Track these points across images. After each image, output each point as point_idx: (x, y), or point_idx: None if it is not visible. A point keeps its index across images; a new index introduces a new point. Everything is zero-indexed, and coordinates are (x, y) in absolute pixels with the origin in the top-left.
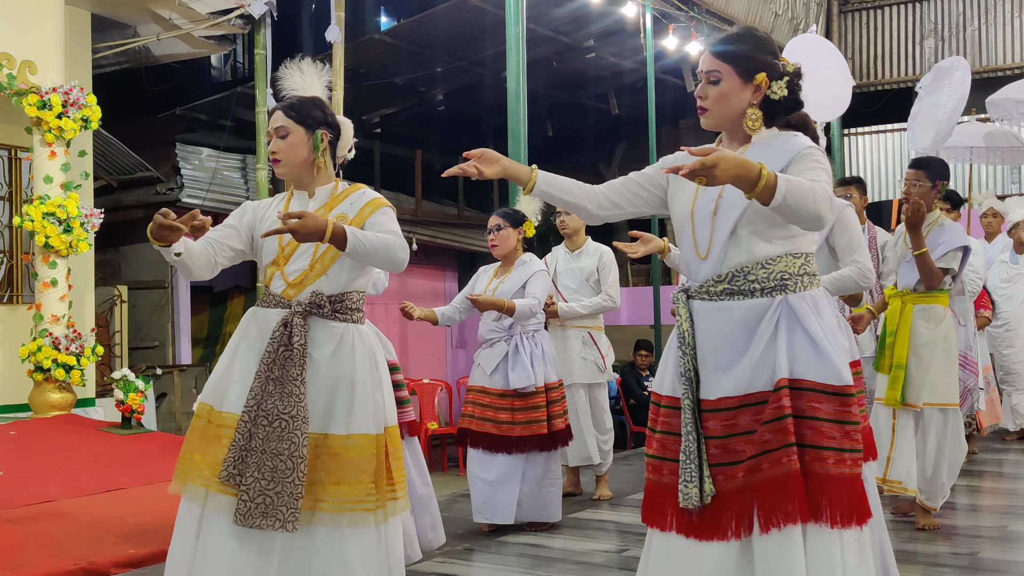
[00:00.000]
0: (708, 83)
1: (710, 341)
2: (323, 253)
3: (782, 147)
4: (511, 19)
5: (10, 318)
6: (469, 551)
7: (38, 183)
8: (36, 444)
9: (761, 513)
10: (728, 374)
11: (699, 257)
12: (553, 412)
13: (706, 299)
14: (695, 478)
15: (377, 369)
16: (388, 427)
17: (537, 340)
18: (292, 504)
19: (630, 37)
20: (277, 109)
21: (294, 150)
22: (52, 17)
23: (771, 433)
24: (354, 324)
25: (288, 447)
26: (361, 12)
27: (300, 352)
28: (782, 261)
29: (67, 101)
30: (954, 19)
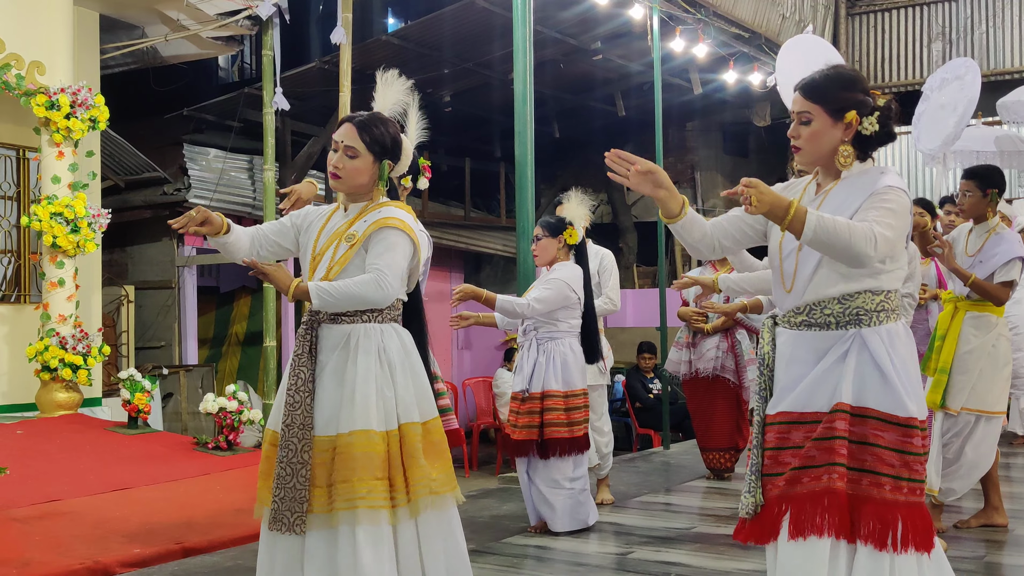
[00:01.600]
0: (800, 123)
1: (782, 364)
2: (336, 262)
3: (865, 184)
4: (518, 21)
5: (17, 317)
6: (473, 552)
7: (46, 183)
8: (42, 443)
9: (792, 521)
10: (790, 392)
11: (784, 290)
12: (548, 420)
13: (787, 328)
14: (754, 490)
15: (389, 365)
16: (405, 424)
17: (548, 348)
18: (295, 508)
19: (637, 39)
20: (351, 124)
21: (358, 174)
22: (60, 18)
23: (817, 450)
24: (363, 324)
25: (286, 454)
26: (368, 13)
27: (298, 361)
28: (860, 297)
29: (75, 101)
30: (962, 22)
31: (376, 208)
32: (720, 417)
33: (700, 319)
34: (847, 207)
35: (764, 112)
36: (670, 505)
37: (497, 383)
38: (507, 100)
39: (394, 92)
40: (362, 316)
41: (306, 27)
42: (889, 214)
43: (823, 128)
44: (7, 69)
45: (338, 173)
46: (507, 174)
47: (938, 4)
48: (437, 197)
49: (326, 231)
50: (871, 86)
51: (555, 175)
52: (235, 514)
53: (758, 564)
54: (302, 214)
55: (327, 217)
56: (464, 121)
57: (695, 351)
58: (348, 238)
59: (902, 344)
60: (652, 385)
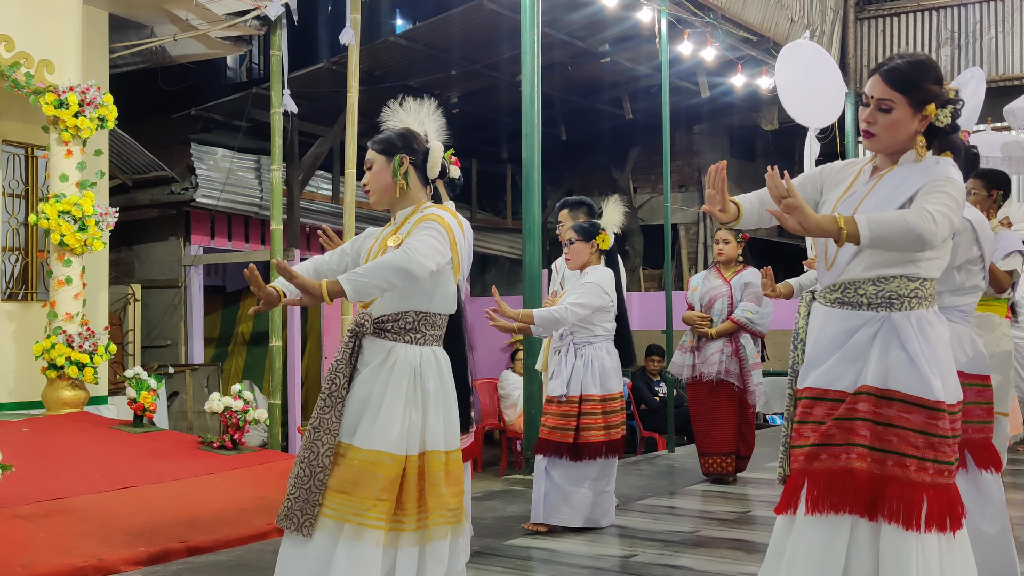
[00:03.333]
0: (878, 110)
1: (812, 339)
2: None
3: (922, 171)
4: (526, 23)
5: (24, 315)
6: (478, 554)
7: (54, 181)
8: (48, 441)
9: (809, 497)
10: (816, 368)
11: (825, 266)
12: (584, 424)
13: (823, 303)
14: (783, 461)
15: (423, 391)
16: (430, 451)
17: (584, 352)
18: (308, 510)
19: (645, 42)
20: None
21: (378, 178)
22: (70, 17)
23: (836, 429)
24: (404, 344)
25: (309, 455)
26: (376, 15)
27: (335, 368)
28: (895, 282)
29: (84, 100)
30: (971, 27)
31: (422, 211)
32: (722, 421)
33: (704, 323)
34: (901, 192)
35: (772, 116)
36: (674, 508)
37: (503, 385)
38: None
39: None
40: (404, 336)
41: (314, 28)
42: (947, 198)
43: (904, 118)
44: (16, 67)
45: (367, 188)
46: (514, 176)
47: (947, 9)
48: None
49: (378, 242)
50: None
51: (562, 177)
52: (240, 513)
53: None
54: (361, 237)
55: (382, 230)
56: (471, 123)
57: (699, 355)
58: (394, 240)
59: (933, 329)
60: (658, 388)
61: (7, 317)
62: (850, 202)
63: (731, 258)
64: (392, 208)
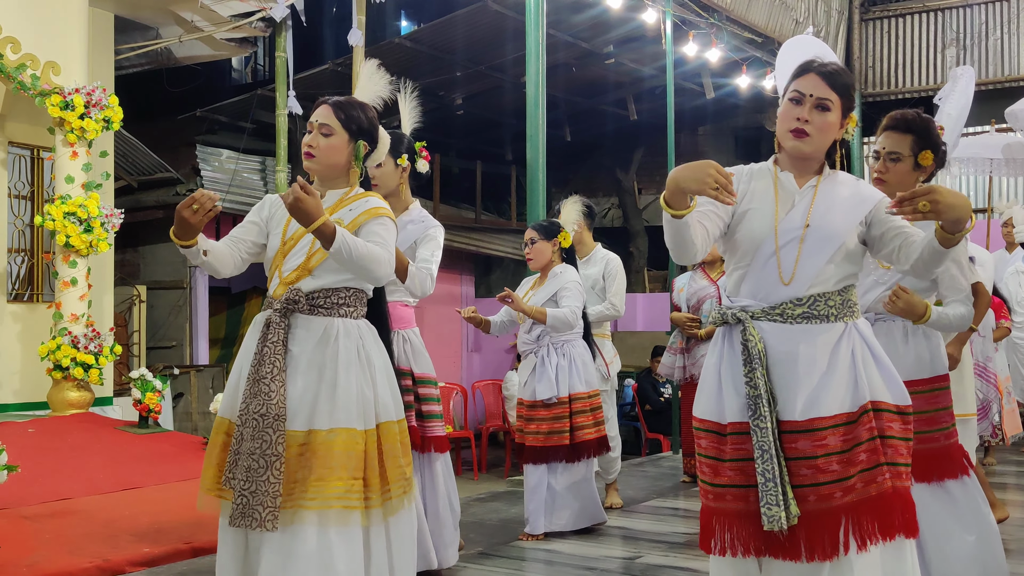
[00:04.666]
0: (817, 108)
1: (786, 362)
2: (318, 248)
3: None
4: (531, 24)
5: (30, 316)
6: (483, 555)
7: (59, 183)
8: (54, 442)
9: (858, 530)
10: (816, 395)
11: (782, 280)
12: (577, 423)
13: (779, 320)
14: (780, 501)
15: (369, 363)
16: (383, 423)
17: (566, 351)
18: (268, 503)
19: (650, 43)
20: (326, 104)
21: (333, 152)
22: (76, 19)
23: (866, 453)
24: (341, 318)
25: (260, 446)
26: (381, 16)
27: (272, 349)
28: (849, 290)
29: (89, 102)
30: (976, 28)
31: (360, 198)
32: None
33: (693, 324)
34: (844, 210)
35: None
36: (679, 510)
37: (507, 386)
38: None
39: (375, 84)
40: (339, 310)
41: (319, 29)
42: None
43: (835, 122)
44: (22, 69)
45: (312, 152)
46: (518, 177)
47: (952, 10)
48: (448, 199)
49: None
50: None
51: (566, 178)
52: None
53: None
54: (265, 205)
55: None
56: (476, 124)
57: (689, 356)
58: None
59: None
60: (663, 389)
61: (13, 318)
62: (797, 219)
63: (716, 258)
64: (323, 180)
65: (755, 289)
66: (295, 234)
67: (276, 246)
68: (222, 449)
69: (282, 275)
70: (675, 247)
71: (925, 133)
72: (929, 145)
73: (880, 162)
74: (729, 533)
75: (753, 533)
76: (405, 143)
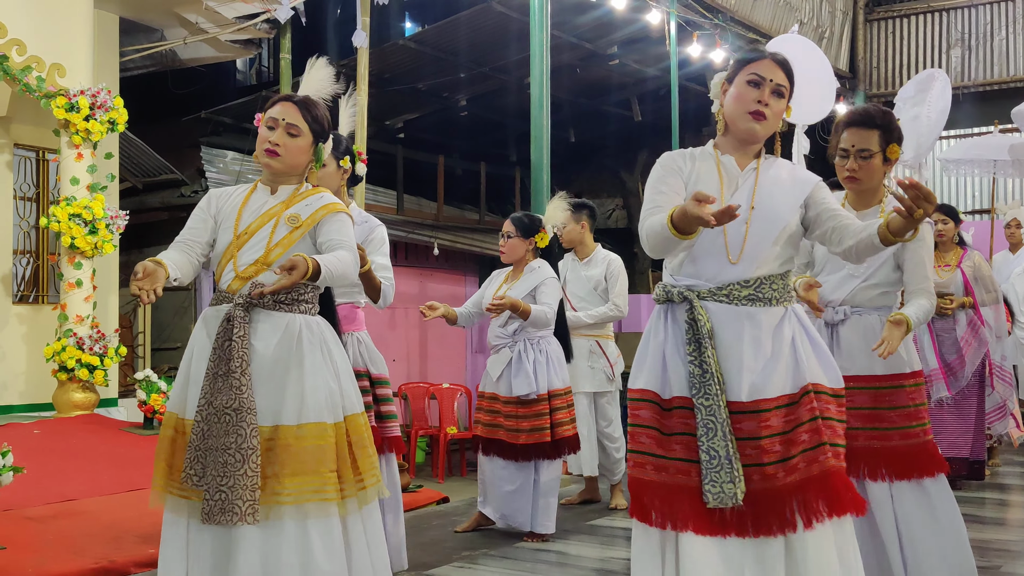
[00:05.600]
0: (773, 93)
1: (732, 343)
2: (276, 243)
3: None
4: (535, 26)
5: (35, 318)
6: (487, 556)
7: (65, 184)
8: (59, 443)
9: (805, 509)
10: (761, 377)
11: (729, 260)
12: (557, 420)
13: (725, 302)
14: (733, 478)
15: (331, 357)
16: (350, 415)
17: (542, 347)
18: (248, 496)
19: (654, 44)
20: (291, 102)
21: (299, 153)
22: (81, 21)
23: (808, 433)
24: (301, 315)
25: (235, 440)
26: (386, 18)
27: (239, 344)
28: (788, 275)
29: (94, 104)
30: (981, 28)
31: (314, 193)
32: None
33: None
34: (784, 192)
35: None
36: None
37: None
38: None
39: (321, 77)
40: (300, 306)
41: (324, 31)
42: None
43: (784, 108)
44: (28, 71)
45: (277, 151)
46: (522, 178)
47: (957, 10)
48: (452, 200)
49: (250, 210)
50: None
51: (570, 179)
52: None
53: None
54: (212, 200)
55: (246, 196)
56: (480, 125)
57: None
58: (291, 220)
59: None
60: None
61: (18, 320)
62: (741, 196)
63: None
64: (276, 176)
65: (700, 269)
66: (249, 227)
67: (229, 239)
68: (172, 445)
69: (238, 268)
70: (660, 253)
71: (890, 127)
72: (895, 139)
73: (851, 160)
74: (662, 504)
75: (690, 508)
76: (344, 144)
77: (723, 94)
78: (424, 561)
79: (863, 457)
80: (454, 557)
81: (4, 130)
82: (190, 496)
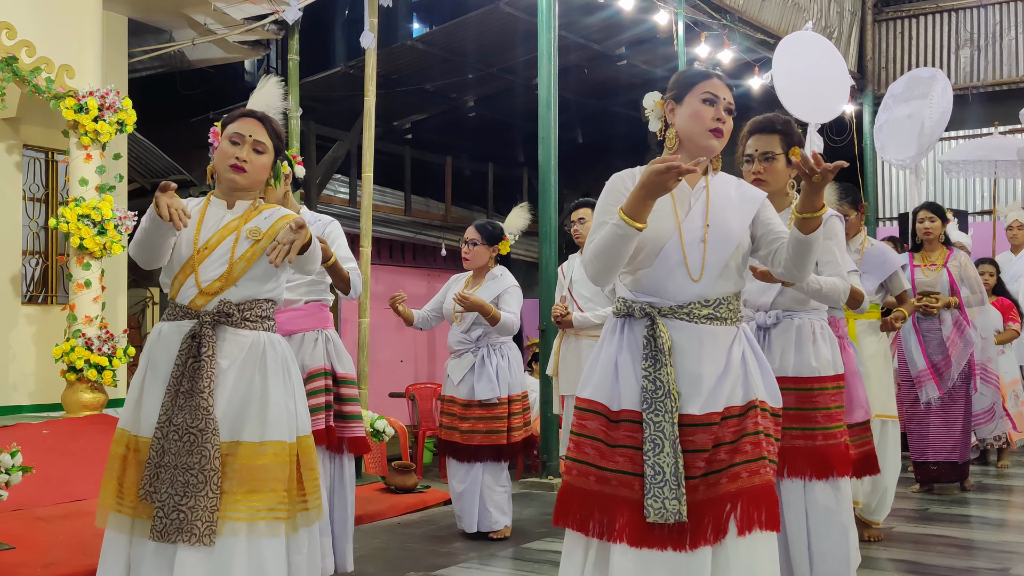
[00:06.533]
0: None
1: (690, 360)
2: (239, 258)
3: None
4: (543, 26)
5: (44, 318)
6: (493, 557)
7: (74, 185)
8: (68, 443)
9: (742, 517)
10: (712, 391)
11: (690, 278)
12: (513, 424)
13: (686, 319)
14: (677, 495)
15: (290, 377)
16: (301, 436)
17: (504, 352)
18: (207, 518)
19: (662, 45)
20: (254, 119)
21: (263, 171)
22: (90, 22)
23: (751, 445)
24: (266, 332)
25: (199, 460)
26: (393, 19)
27: (208, 363)
28: (738, 296)
29: (103, 105)
30: (990, 28)
31: (269, 207)
32: None
33: None
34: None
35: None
36: None
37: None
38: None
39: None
40: (263, 324)
41: (331, 32)
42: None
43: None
44: (37, 72)
45: (245, 167)
46: (530, 179)
47: (966, 10)
48: (459, 202)
49: (208, 225)
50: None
51: (578, 181)
52: None
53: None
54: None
55: (202, 209)
56: (487, 126)
57: None
58: (251, 233)
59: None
60: None
61: (27, 320)
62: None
63: None
64: (234, 191)
65: (659, 287)
66: (208, 242)
67: (188, 254)
68: (123, 463)
69: (201, 284)
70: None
71: (789, 131)
72: (795, 142)
73: (756, 163)
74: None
75: (629, 521)
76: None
77: (671, 113)
78: (431, 562)
79: (788, 455)
80: (461, 558)
81: (13, 131)
82: (139, 514)
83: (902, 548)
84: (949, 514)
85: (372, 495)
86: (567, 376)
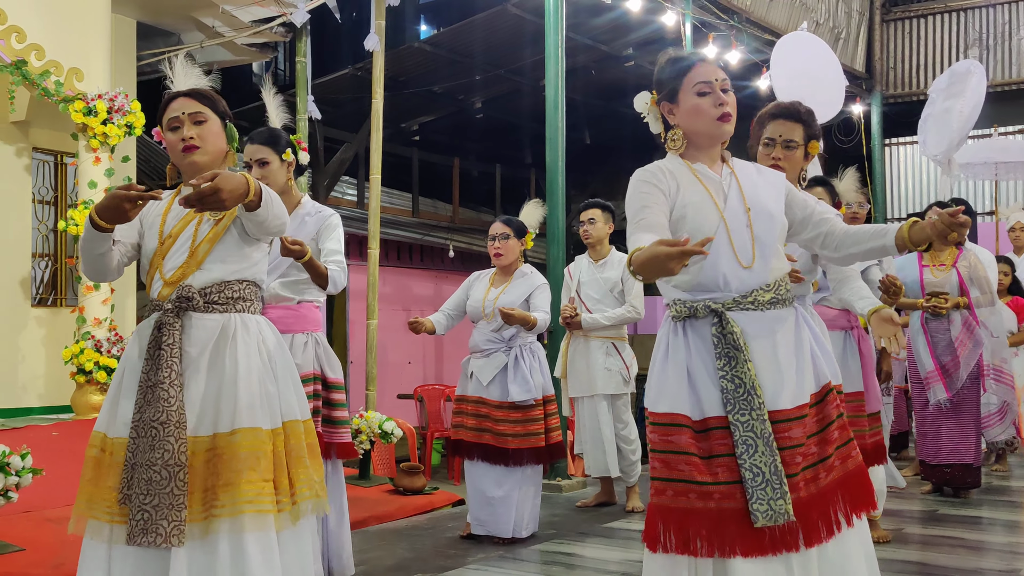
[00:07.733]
0: (723, 90)
1: (768, 351)
2: (202, 240)
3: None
4: (550, 28)
5: (54, 320)
6: (501, 558)
7: (83, 188)
8: (77, 445)
9: (847, 507)
10: (796, 381)
11: (742, 266)
12: (550, 425)
13: (751, 309)
14: (782, 494)
15: (270, 359)
16: (289, 422)
17: (535, 352)
18: (173, 517)
19: (670, 46)
20: (180, 96)
21: (214, 137)
22: (99, 25)
23: (838, 431)
24: (238, 314)
25: (161, 456)
26: (401, 20)
27: (168, 352)
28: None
29: (112, 108)
30: (999, 28)
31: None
32: None
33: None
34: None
35: None
36: None
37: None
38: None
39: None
40: (236, 305)
41: (339, 34)
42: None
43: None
44: (46, 76)
45: (195, 143)
46: (538, 180)
47: (974, 10)
48: (467, 203)
49: (173, 215)
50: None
51: (586, 182)
52: None
53: None
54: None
55: (168, 203)
56: (495, 127)
57: None
58: (213, 214)
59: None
60: None
61: (37, 322)
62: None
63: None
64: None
65: (715, 281)
66: (173, 231)
67: (153, 247)
68: (96, 466)
69: (164, 275)
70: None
71: (812, 123)
72: (815, 134)
73: (776, 148)
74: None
75: (740, 532)
76: (284, 138)
77: (670, 115)
78: (440, 564)
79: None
80: (469, 559)
81: (23, 134)
82: (117, 520)
83: (911, 549)
84: (958, 515)
85: (380, 497)
86: (575, 378)
